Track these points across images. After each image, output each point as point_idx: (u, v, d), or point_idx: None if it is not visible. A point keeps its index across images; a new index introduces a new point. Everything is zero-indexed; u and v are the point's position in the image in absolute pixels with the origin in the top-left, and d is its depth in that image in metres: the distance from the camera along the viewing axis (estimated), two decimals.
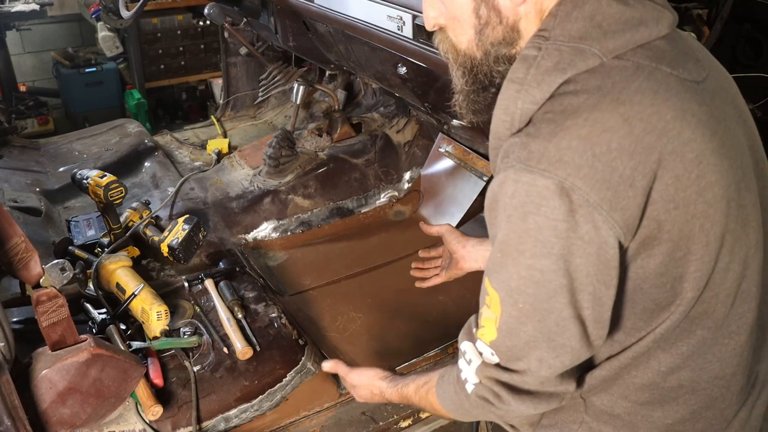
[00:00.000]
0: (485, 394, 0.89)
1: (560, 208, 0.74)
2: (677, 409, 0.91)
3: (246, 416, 1.61)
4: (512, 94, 0.82)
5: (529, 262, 0.78)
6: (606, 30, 0.80)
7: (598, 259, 0.77)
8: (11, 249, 1.44)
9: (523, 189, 0.76)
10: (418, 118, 2.75)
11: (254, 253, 2.32)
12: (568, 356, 0.83)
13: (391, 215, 2.61)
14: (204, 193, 2.45)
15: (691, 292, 0.82)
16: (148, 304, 1.67)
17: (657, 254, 0.80)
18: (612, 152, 0.74)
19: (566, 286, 0.78)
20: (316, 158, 2.62)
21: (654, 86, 0.78)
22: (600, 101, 0.77)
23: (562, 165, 0.74)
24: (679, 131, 0.77)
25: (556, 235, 0.75)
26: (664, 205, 0.77)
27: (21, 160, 2.60)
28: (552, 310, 0.80)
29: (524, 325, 0.82)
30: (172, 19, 4.13)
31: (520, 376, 0.86)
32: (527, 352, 0.83)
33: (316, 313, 2.06)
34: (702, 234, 0.80)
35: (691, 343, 0.87)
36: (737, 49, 2.18)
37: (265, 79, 3.01)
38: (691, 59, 0.84)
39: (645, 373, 0.90)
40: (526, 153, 0.77)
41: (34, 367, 1.33)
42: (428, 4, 0.95)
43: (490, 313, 0.85)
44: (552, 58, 0.80)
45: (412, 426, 1.77)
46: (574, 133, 0.75)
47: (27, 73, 4.38)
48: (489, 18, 0.87)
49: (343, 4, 1.85)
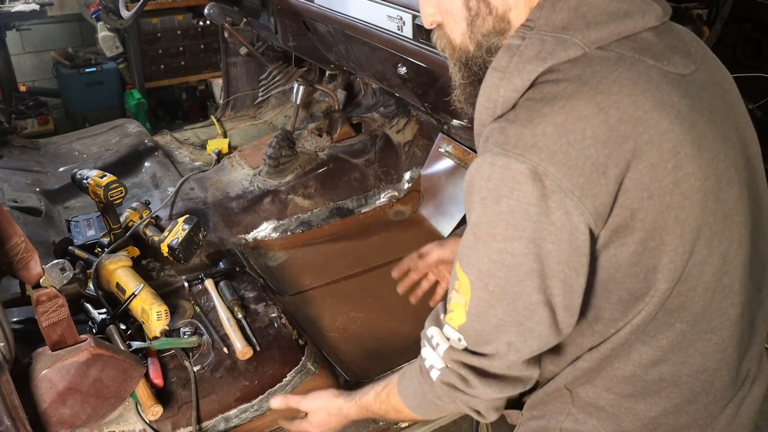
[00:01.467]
0: (451, 379, 0.89)
1: (533, 193, 0.76)
2: (659, 402, 0.92)
3: (246, 416, 1.61)
4: (495, 81, 0.83)
5: (500, 245, 0.79)
6: (590, 21, 0.81)
7: (569, 246, 0.78)
8: (11, 249, 1.44)
9: (497, 172, 0.78)
10: (418, 118, 2.75)
11: (254, 253, 2.33)
12: (536, 341, 0.84)
13: (391, 215, 2.61)
14: (204, 193, 2.45)
15: (665, 283, 0.83)
16: (148, 304, 1.67)
17: (630, 243, 0.80)
18: (586, 140, 0.76)
19: (536, 270, 0.79)
20: (316, 158, 2.63)
21: (634, 77, 0.79)
22: (578, 90, 0.78)
23: (536, 150, 0.76)
24: (657, 121, 0.78)
25: (528, 219, 0.76)
26: (638, 193, 0.78)
27: (21, 160, 2.60)
28: (521, 294, 0.80)
29: (494, 309, 0.83)
30: (172, 19, 4.13)
31: (487, 360, 0.86)
32: (496, 336, 0.84)
33: (316, 313, 2.06)
34: (677, 225, 0.80)
35: (671, 337, 0.88)
36: (737, 49, 2.18)
37: (265, 79, 3.01)
38: (679, 52, 0.85)
39: (627, 365, 0.90)
40: (503, 137, 0.79)
41: (34, 367, 1.33)
42: (424, 1, 0.96)
43: (460, 297, 0.86)
44: (534, 48, 0.81)
45: (412, 426, 1.77)
46: (549, 119, 0.77)
47: (27, 73, 4.37)
48: (479, 9, 0.89)
49: (343, 4, 1.85)
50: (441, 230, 2.45)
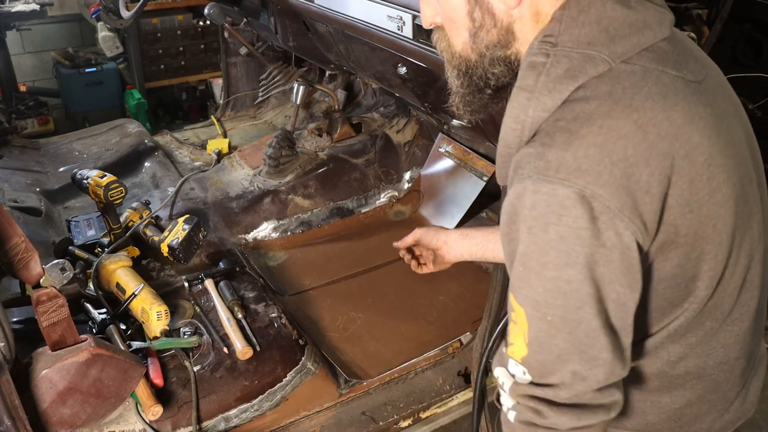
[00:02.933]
0: (526, 415, 0.86)
1: (582, 217, 0.74)
2: (684, 393, 0.93)
3: (246, 416, 1.61)
4: (522, 102, 0.82)
5: (553, 273, 0.77)
6: (613, 35, 0.80)
7: (621, 264, 0.77)
8: (11, 249, 1.44)
9: (543, 199, 0.76)
10: (418, 118, 2.75)
11: (254, 253, 2.33)
12: (602, 369, 0.81)
13: (391, 215, 2.61)
14: (204, 193, 2.45)
15: (704, 290, 0.84)
16: (148, 304, 1.67)
17: (673, 257, 0.81)
18: (628, 159, 0.75)
19: (593, 295, 0.77)
20: (316, 158, 2.62)
21: (663, 90, 0.79)
22: (613, 108, 0.77)
23: (581, 173, 0.74)
24: (690, 135, 0.78)
25: (580, 244, 0.75)
26: (680, 209, 0.78)
27: (21, 160, 2.60)
28: (581, 321, 0.79)
29: (554, 338, 0.81)
30: (172, 19, 4.13)
31: (553, 390, 0.84)
32: (560, 366, 0.82)
33: (316, 313, 2.06)
34: (715, 234, 0.81)
35: (699, 334, 0.89)
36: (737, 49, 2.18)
37: (265, 79, 3.01)
38: (690, 58, 0.85)
39: (654, 362, 0.91)
40: (543, 163, 0.76)
41: (34, 367, 1.33)
42: (425, 2, 0.95)
43: (518, 329, 0.84)
44: (562, 65, 0.80)
45: (412, 426, 1.77)
46: (590, 141, 0.75)
47: (27, 73, 4.37)
48: (483, 21, 0.87)
49: (343, 4, 1.85)
50: None
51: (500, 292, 1.67)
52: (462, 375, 1.87)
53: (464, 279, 2.19)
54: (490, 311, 1.71)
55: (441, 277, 2.26)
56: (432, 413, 1.81)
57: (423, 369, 1.87)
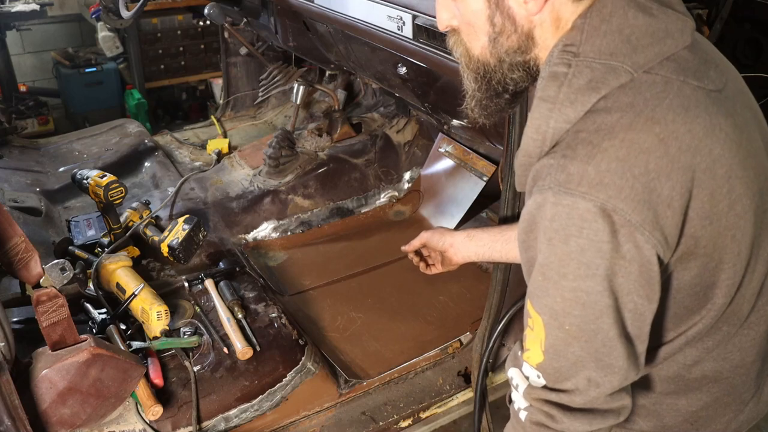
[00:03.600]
0: (538, 417, 0.88)
1: (603, 230, 0.75)
2: (701, 397, 0.94)
3: (246, 416, 1.61)
4: (544, 112, 0.82)
5: (573, 284, 0.78)
6: (635, 45, 0.80)
7: (640, 276, 0.77)
8: (11, 249, 1.44)
9: (564, 212, 0.77)
10: (418, 118, 2.75)
11: (254, 253, 2.33)
12: (617, 376, 0.82)
13: (391, 215, 2.61)
14: (204, 193, 2.45)
15: (722, 298, 0.84)
16: (148, 304, 1.67)
17: (693, 267, 0.82)
18: (650, 173, 0.75)
19: (612, 305, 0.78)
20: (316, 158, 2.62)
21: (684, 103, 0.79)
22: (634, 120, 0.77)
23: (602, 187, 0.75)
24: (711, 148, 0.78)
25: (600, 257, 0.76)
26: (700, 222, 0.78)
27: (21, 160, 2.60)
28: (599, 331, 0.80)
29: (571, 347, 0.82)
30: (172, 19, 4.13)
31: (567, 396, 0.85)
32: (575, 373, 0.83)
33: (316, 313, 2.06)
34: (734, 244, 0.82)
35: (716, 339, 0.90)
36: (737, 49, 2.18)
37: (265, 79, 3.01)
38: (711, 66, 0.85)
39: (671, 366, 0.92)
40: (565, 175, 0.77)
41: (34, 367, 1.33)
42: (441, 5, 0.94)
43: (535, 335, 0.85)
44: (584, 76, 0.80)
45: (412, 426, 1.77)
46: (612, 154, 0.76)
47: (27, 73, 4.36)
48: (504, 26, 0.87)
49: (343, 4, 1.85)
50: None
51: (500, 292, 1.67)
52: (462, 375, 1.87)
53: (464, 279, 2.19)
54: (490, 311, 1.71)
55: (441, 277, 2.25)
56: (432, 413, 1.81)
57: (423, 369, 1.87)
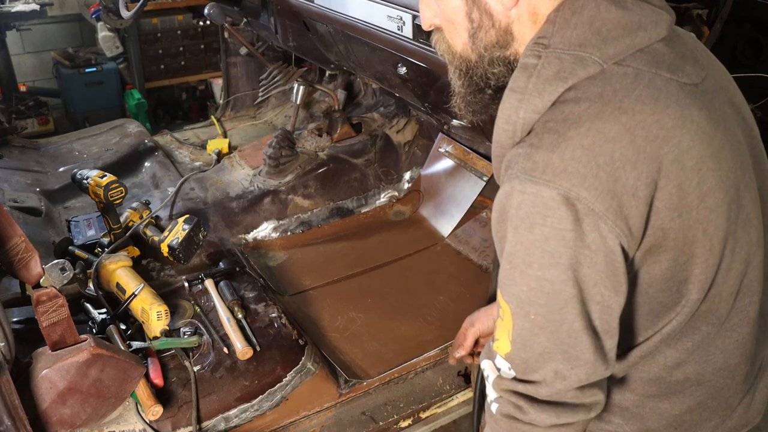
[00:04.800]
0: (507, 408, 0.88)
1: (567, 218, 0.75)
2: (684, 400, 0.93)
3: (246, 416, 1.61)
4: (514, 103, 0.82)
5: (538, 273, 0.78)
6: (606, 36, 0.80)
7: (605, 267, 0.77)
8: (11, 249, 1.44)
9: (528, 200, 0.77)
10: (418, 118, 2.75)
11: (254, 253, 2.33)
12: (583, 369, 0.82)
13: (391, 215, 2.61)
14: (204, 193, 2.45)
15: (696, 294, 0.83)
16: (148, 304, 1.67)
17: (663, 260, 0.81)
18: (615, 162, 0.75)
19: (576, 296, 0.78)
20: (316, 158, 2.62)
21: (654, 93, 0.78)
22: (602, 110, 0.77)
23: (566, 175, 0.75)
24: (680, 139, 0.78)
25: (564, 245, 0.76)
26: (668, 213, 0.78)
27: (21, 160, 2.60)
28: (564, 321, 0.80)
29: (537, 337, 0.82)
30: (172, 19, 4.13)
31: (534, 387, 0.85)
32: (542, 364, 0.83)
33: (316, 313, 2.06)
34: (705, 238, 0.81)
35: (696, 339, 0.89)
36: (737, 49, 2.18)
37: (265, 79, 3.01)
38: (689, 60, 0.85)
39: (651, 368, 0.91)
40: (531, 164, 0.77)
41: (34, 367, 1.33)
42: (424, 4, 0.95)
43: (504, 325, 0.85)
44: (552, 67, 0.80)
45: (412, 426, 1.77)
46: (577, 143, 0.76)
47: (27, 73, 4.36)
48: (481, 21, 0.88)
49: (343, 4, 1.85)
50: (441, 230, 2.45)
51: None
52: (462, 375, 1.87)
53: (464, 279, 2.19)
54: None
55: (441, 277, 2.27)
56: (432, 413, 1.81)
57: (423, 369, 1.87)
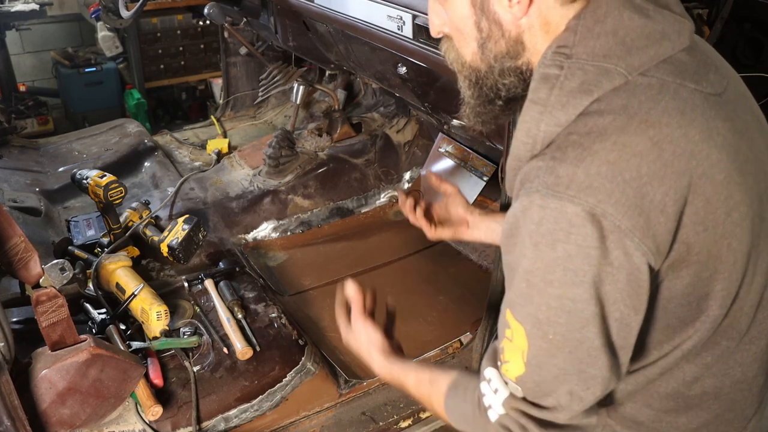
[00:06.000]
0: (510, 425, 0.86)
1: (592, 236, 0.72)
2: (701, 414, 0.91)
3: (246, 416, 1.61)
4: (535, 116, 0.79)
5: (558, 291, 0.76)
6: (630, 46, 0.78)
7: (628, 285, 0.75)
8: (11, 249, 1.44)
9: (551, 216, 0.74)
10: (418, 118, 2.75)
11: (254, 253, 2.32)
12: (599, 387, 0.80)
13: (391, 215, 2.60)
14: (204, 193, 2.45)
15: (717, 309, 0.81)
16: (148, 304, 1.67)
17: (685, 276, 0.79)
18: (642, 177, 0.73)
19: (598, 314, 0.76)
20: (316, 158, 2.62)
21: (680, 106, 0.76)
22: (627, 123, 0.74)
23: (592, 191, 0.72)
24: (708, 153, 0.76)
25: (588, 263, 0.73)
26: (694, 228, 0.76)
27: (21, 160, 2.60)
28: (584, 341, 0.77)
29: (554, 358, 0.79)
30: (172, 19, 4.12)
31: (550, 413, 0.83)
32: (556, 387, 0.81)
33: (316, 313, 2.06)
34: (730, 253, 0.79)
35: (715, 354, 0.86)
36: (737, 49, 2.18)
37: (265, 79, 3.01)
38: (711, 69, 0.83)
39: (669, 383, 0.88)
40: (553, 178, 0.74)
41: (33, 367, 1.33)
42: (433, 11, 0.93)
43: (515, 346, 0.82)
44: (576, 78, 0.78)
45: (412, 426, 1.77)
46: (602, 157, 0.73)
47: (27, 73, 4.36)
48: (491, 31, 0.85)
49: (343, 4, 1.85)
50: None
51: (500, 292, 1.67)
52: None
53: (464, 279, 2.19)
54: (489, 311, 1.71)
55: (441, 277, 2.26)
56: (432, 413, 1.81)
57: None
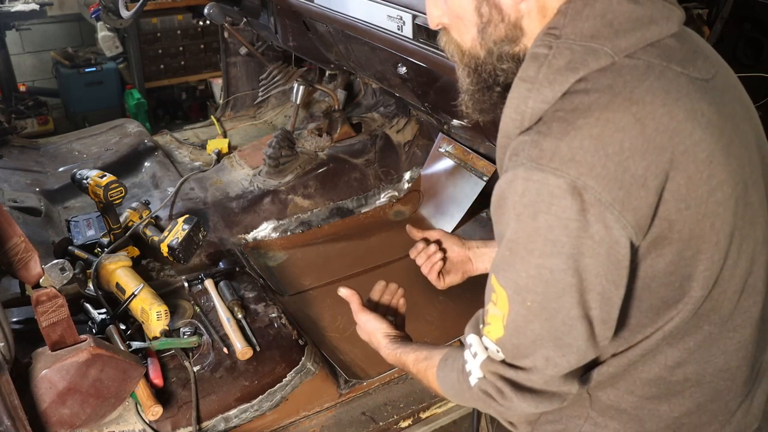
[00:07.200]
0: (488, 388, 0.89)
1: (572, 207, 0.74)
2: (683, 402, 0.92)
3: (246, 416, 1.61)
4: (523, 92, 0.82)
5: (538, 261, 0.78)
6: (617, 29, 0.80)
7: (608, 259, 0.77)
8: (11, 249, 1.44)
9: (533, 187, 0.76)
10: (418, 118, 2.75)
11: (254, 253, 2.32)
12: (575, 356, 0.83)
13: (391, 215, 2.61)
14: (204, 193, 2.45)
15: (699, 290, 0.83)
16: (148, 304, 1.67)
17: (667, 254, 0.80)
18: (624, 152, 0.74)
19: (575, 285, 0.78)
20: (316, 158, 2.62)
21: (665, 86, 0.78)
22: (612, 100, 0.77)
23: (574, 164, 0.74)
24: (691, 131, 0.77)
25: (566, 234, 0.75)
26: (676, 204, 0.77)
27: (21, 160, 2.60)
28: (560, 309, 0.79)
29: (531, 324, 0.82)
30: (172, 19, 4.13)
31: (525, 374, 0.85)
32: (533, 350, 0.83)
33: (316, 313, 2.06)
34: (712, 233, 0.80)
35: (698, 338, 0.88)
36: (737, 49, 2.18)
37: (265, 79, 3.01)
38: (700, 57, 0.85)
39: (652, 367, 0.90)
40: (537, 151, 0.77)
41: (33, 367, 1.33)
42: (431, 3, 0.95)
43: (497, 310, 0.85)
44: (563, 57, 0.80)
45: (412, 426, 1.77)
46: (586, 132, 0.75)
47: (27, 73, 4.36)
48: (491, 16, 0.87)
49: (343, 4, 1.85)
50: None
51: None
52: None
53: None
54: None
55: None
56: (432, 413, 1.80)
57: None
